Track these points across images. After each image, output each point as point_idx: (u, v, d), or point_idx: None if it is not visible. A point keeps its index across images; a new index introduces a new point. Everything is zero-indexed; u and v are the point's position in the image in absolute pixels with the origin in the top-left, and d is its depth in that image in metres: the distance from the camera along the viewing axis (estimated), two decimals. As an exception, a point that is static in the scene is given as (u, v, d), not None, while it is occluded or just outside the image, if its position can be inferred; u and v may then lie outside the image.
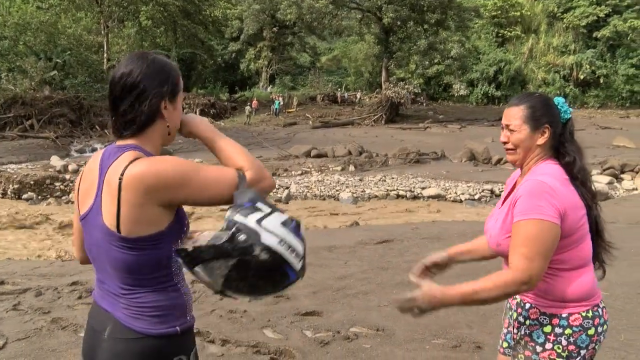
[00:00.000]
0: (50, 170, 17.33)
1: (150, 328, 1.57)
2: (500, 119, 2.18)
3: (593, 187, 2.04)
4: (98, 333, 1.62)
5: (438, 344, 3.87)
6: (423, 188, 16.11)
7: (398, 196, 15.48)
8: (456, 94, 48.97)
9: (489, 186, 15.91)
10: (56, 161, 18.96)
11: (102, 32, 36.93)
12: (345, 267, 5.84)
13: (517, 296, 2.05)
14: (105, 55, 36.38)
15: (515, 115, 2.06)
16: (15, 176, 15.46)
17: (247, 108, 37.55)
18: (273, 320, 4.26)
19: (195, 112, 32.83)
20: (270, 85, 47.36)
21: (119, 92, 1.57)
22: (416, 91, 39.08)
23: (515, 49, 51.62)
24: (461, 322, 4.25)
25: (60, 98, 27.58)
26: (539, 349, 1.96)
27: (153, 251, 1.53)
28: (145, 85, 1.57)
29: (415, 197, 15.52)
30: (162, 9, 40.18)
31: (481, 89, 48.75)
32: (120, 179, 1.46)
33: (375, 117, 35.48)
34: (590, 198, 2.00)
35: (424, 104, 45.15)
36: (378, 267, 5.82)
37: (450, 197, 15.37)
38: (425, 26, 39.41)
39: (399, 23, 38.61)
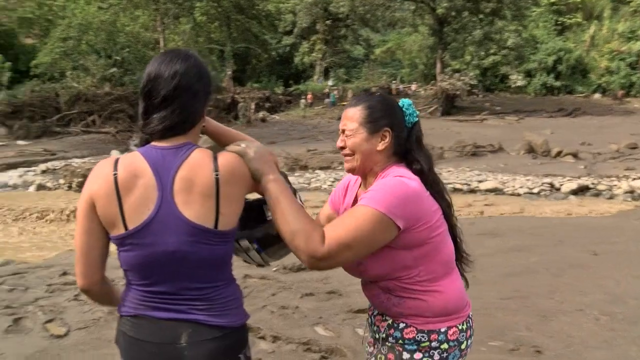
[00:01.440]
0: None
1: (236, 321, 1.61)
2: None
3: (447, 196, 1.86)
4: (168, 346, 1.53)
5: (495, 346, 3.77)
6: (480, 181, 15.82)
7: (454, 190, 15.21)
8: (513, 85, 47.63)
9: (548, 179, 15.48)
10: (116, 155, 19.50)
11: (159, 29, 37.67)
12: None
13: (389, 317, 1.81)
14: (161, 51, 36.96)
15: (351, 117, 1.83)
16: (79, 170, 16.07)
17: (302, 101, 37.75)
18: (325, 317, 4.25)
19: (251, 106, 33.22)
20: (331, 79, 47.18)
21: (172, 90, 1.53)
22: (472, 82, 38.21)
23: (576, 37, 49.65)
24: (520, 323, 4.14)
25: (119, 94, 28.52)
26: (406, 355, 1.77)
27: (231, 241, 1.60)
28: (199, 85, 1.59)
29: (472, 191, 15.24)
30: (216, 4, 40.65)
31: (539, 79, 47.22)
32: (217, 174, 1.50)
33: (431, 109, 35.02)
34: (446, 206, 1.83)
35: (480, 96, 44.16)
36: None
37: (508, 191, 15.02)
38: (481, 16, 38.42)
39: (453, 13, 37.80)
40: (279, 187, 1.60)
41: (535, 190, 14.93)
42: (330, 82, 44.38)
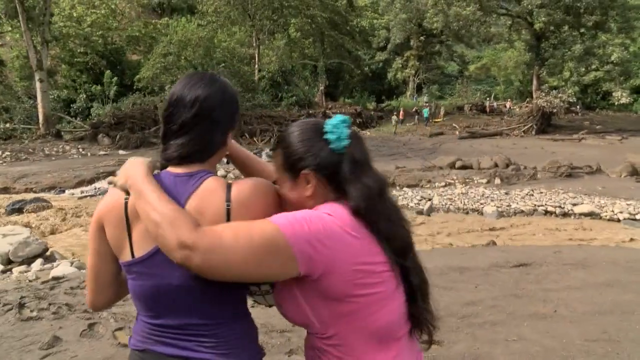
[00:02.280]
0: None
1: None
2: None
3: (404, 230, 1.48)
4: None
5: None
6: (574, 204, 14.96)
7: (546, 212, 14.49)
8: (617, 103, 45.12)
9: (653, 205, 14.39)
10: (209, 166, 20.14)
11: (254, 44, 38.85)
12: (474, 291, 5.46)
13: None
14: (256, 66, 38.19)
15: (276, 163, 1.54)
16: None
17: (394, 118, 37.64)
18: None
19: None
20: (425, 95, 46.69)
21: (191, 118, 1.46)
22: (570, 100, 36.54)
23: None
24: None
25: (214, 108, 29.40)
26: None
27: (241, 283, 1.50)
28: (220, 113, 1.51)
29: (565, 214, 14.44)
30: (310, 20, 41.36)
31: (648, 97, 44.49)
32: (228, 205, 1.40)
33: (525, 127, 33.81)
34: (399, 253, 1.43)
35: (579, 114, 42.22)
36: (511, 294, 5.35)
37: (606, 216, 14.09)
38: (582, 30, 36.82)
39: (551, 28, 36.53)
40: (138, 185, 1.39)
41: (638, 216, 13.94)
42: (425, 99, 43.84)
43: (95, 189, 16.90)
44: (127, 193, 1.44)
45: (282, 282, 1.41)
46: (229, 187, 1.43)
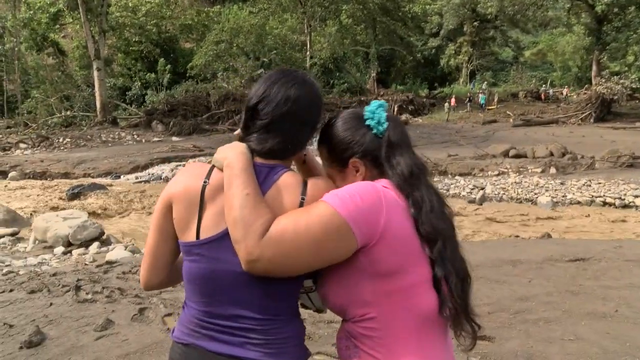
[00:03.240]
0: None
1: None
2: None
3: (439, 227, 1.38)
4: None
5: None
6: (636, 196, 14.39)
7: (604, 203, 14.02)
8: (684, 88, 43.06)
9: None
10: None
11: (306, 31, 38.86)
12: (528, 286, 5.22)
13: None
14: (307, 53, 38.23)
15: (321, 158, 1.59)
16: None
17: (446, 105, 37.13)
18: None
19: (394, 108, 33.07)
20: (484, 83, 45.65)
21: (279, 116, 1.46)
22: (634, 86, 35.05)
23: None
24: None
25: (265, 94, 29.65)
26: None
27: (299, 276, 1.46)
28: (309, 116, 1.52)
29: (625, 206, 13.92)
30: (361, 6, 41.11)
31: None
32: (303, 198, 1.41)
33: (583, 115, 32.66)
34: (428, 242, 1.36)
35: (644, 101, 40.48)
36: (567, 290, 5.08)
37: (671, 208, 13.53)
38: (650, 10, 35.18)
39: (615, 10, 35.00)
40: (234, 173, 1.38)
41: None
42: (483, 86, 42.89)
43: (149, 174, 17.29)
44: (208, 176, 1.46)
45: None
46: (305, 183, 1.45)
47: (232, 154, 1.44)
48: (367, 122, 1.51)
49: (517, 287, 5.18)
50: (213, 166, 1.49)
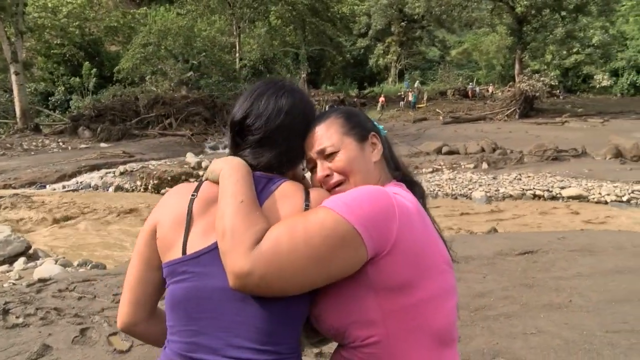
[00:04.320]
0: (185, 166, 18.20)
1: None
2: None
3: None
4: None
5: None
6: (562, 188, 14.96)
7: (534, 196, 14.51)
8: (598, 85, 45.37)
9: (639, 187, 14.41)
10: (191, 158, 19.86)
11: (235, 32, 38.38)
12: (483, 282, 5.26)
13: None
14: (237, 54, 37.78)
15: (326, 132, 1.39)
16: (155, 172, 16.44)
17: (379, 104, 37.70)
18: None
19: (325, 109, 33.17)
20: (417, 81, 46.14)
21: (275, 128, 1.34)
22: (552, 83, 36.57)
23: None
24: None
25: (195, 97, 29.19)
26: None
27: (305, 296, 1.23)
28: (303, 126, 1.41)
29: (553, 198, 14.46)
30: (290, 7, 40.99)
31: (627, 79, 44.68)
32: (307, 205, 1.26)
33: (509, 111, 33.81)
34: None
35: (561, 97, 42.36)
36: (521, 284, 5.17)
37: (594, 198, 14.12)
38: (563, 13, 36.80)
39: (533, 12, 36.43)
40: (230, 180, 1.24)
41: (625, 198, 13.96)
42: (416, 84, 43.49)
43: (77, 183, 16.54)
44: (196, 190, 1.33)
45: None
46: (307, 191, 1.32)
47: (229, 165, 1.30)
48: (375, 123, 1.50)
49: (472, 284, 5.19)
50: (202, 181, 1.34)
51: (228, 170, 1.27)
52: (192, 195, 1.30)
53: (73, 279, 5.45)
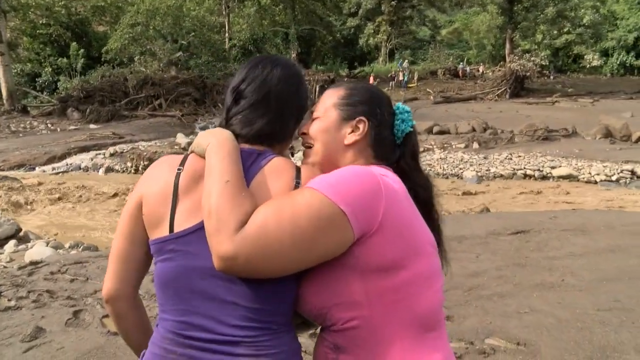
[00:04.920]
0: (175, 147, 18.10)
1: None
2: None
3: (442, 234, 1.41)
4: None
5: (599, 371, 3.24)
6: (553, 167, 15.05)
7: (525, 176, 14.60)
8: (588, 65, 45.41)
9: (629, 166, 14.51)
10: (181, 138, 19.76)
11: (224, 12, 37.99)
12: (477, 261, 5.27)
13: None
14: (227, 34, 37.43)
15: (326, 98, 1.42)
16: (145, 153, 16.34)
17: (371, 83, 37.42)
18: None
19: (315, 89, 32.94)
20: (406, 61, 45.74)
21: (266, 93, 1.33)
22: (543, 63, 36.57)
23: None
24: (627, 344, 3.47)
25: (185, 78, 28.85)
26: None
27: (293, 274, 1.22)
28: (296, 98, 1.39)
29: (544, 177, 14.55)
30: (280, -14, 40.61)
31: (617, 59, 44.73)
32: (297, 183, 1.23)
33: (499, 91, 33.78)
34: (439, 241, 1.35)
35: (551, 77, 42.37)
36: (514, 263, 5.19)
37: (584, 178, 14.22)
38: (554, -8, 36.74)
39: (524, -10, 36.31)
40: (217, 157, 1.21)
41: (614, 178, 14.07)
42: (406, 64, 43.22)
43: (67, 164, 16.40)
44: (182, 164, 1.30)
45: None
46: (298, 168, 1.28)
47: (216, 139, 1.25)
48: (396, 112, 1.42)
49: (466, 263, 5.21)
50: (187, 155, 1.30)
51: (215, 145, 1.24)
52: (178, 169, 1.27)
53: (65, 261, 5.42)
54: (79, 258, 5.64)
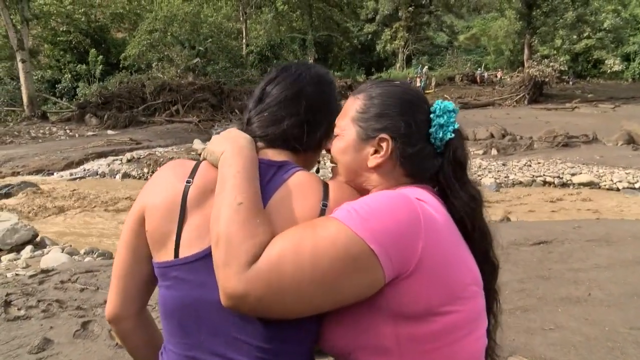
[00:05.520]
0: (192, 153, 18.10)
1: None
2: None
3: (494, 257, 1.23)
4: None
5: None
6: (573, 174, 14.79)
7: (545, 183, 14.36)
8: (609, 70, 44.75)
9: (653, 173, 14.22)
10: (198, 144, 19.75)
11: (241, 18, 38.17)
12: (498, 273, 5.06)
13: None
14: (244, 41, 37.56)
15: (346, 109, 1.23)
16: (162, 159, 16.34)
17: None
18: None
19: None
20: (426, 67, 45.52)
21: (297, 92, 1.21)
22: (562, 69, 36.15)
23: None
24: None
25: (202, 84, 28.91)
26: None
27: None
28: (328, 101, 1.29)
29: (564, 184, 14.30)
30: (297, -8, 40.73)
31: (639, 63, 44.04)
32: (324, 206, 1.07)
33: (518, 97, 33.48)
34: (490, 271, 1.19)
35: (571, 83, 41.88)
36: (537, 275, 4.97)
37: (605, 185, 13.95)
38: (574, -4, 36.38)
39: (542, -4, 35.99)
40: (230, 170, 1.06)
41: (637, 185, 13.78)
42: (425, 70, 42.98)
43: (84, 170, 16.46)
44: (192, 175, 1.15)
45: None
46: (325, 185, 1.12)
47: (231, 147, 1.10)
48: (432, 117, 1.18)
49: (486, 275, 4.97)
50: (200, 162, 1.16)
51: (229, 153, 1.09)
52: (188, 181, 1.13)
53: (76, 269, 5.34)
54: (90, 266, 5.57)
